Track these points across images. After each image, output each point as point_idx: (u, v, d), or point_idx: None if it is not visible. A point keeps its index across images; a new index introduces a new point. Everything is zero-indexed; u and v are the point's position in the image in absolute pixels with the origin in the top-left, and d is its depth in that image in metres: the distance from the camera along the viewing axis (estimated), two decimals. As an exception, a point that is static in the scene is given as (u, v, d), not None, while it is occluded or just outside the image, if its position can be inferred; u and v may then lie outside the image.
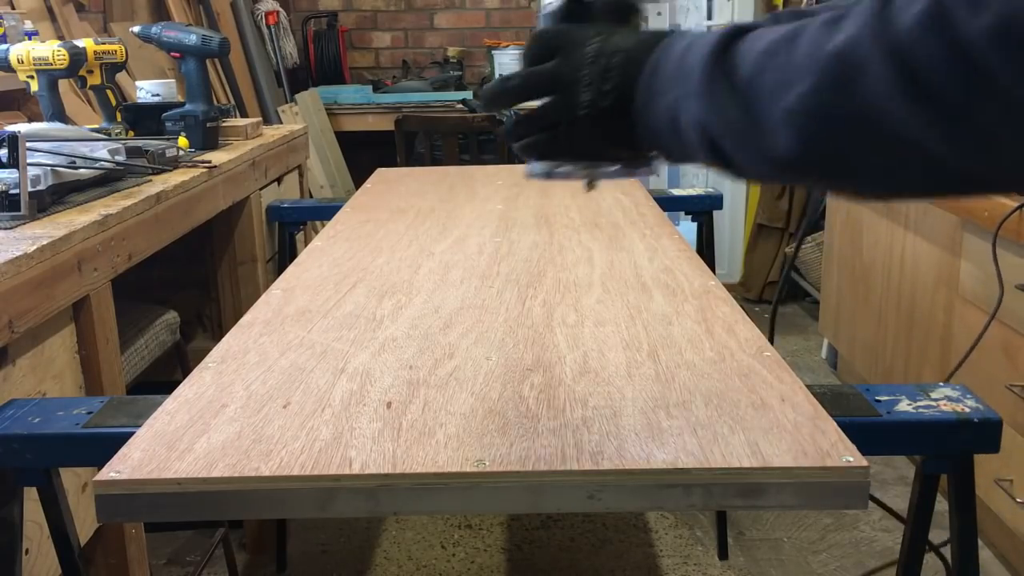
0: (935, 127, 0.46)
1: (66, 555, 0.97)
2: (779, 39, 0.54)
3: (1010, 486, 1.82)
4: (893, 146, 0.49)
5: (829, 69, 0.49)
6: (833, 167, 0.53)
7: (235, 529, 2.12)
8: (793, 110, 0.51)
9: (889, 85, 0.47)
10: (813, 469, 0.73)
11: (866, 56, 0.48)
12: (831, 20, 0.51)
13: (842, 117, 0.50)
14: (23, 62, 1.84)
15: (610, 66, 0.61)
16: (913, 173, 0.50)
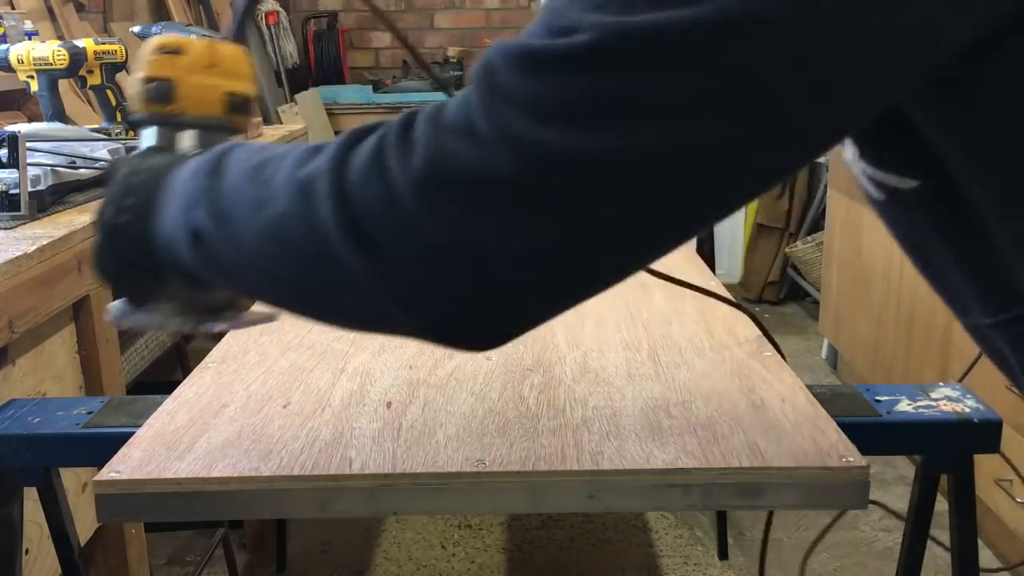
0: (370, 269, 0.48)
1: (66, 555, 0.97)
2: (267, 158, 0.54)
3: (1010, 486, 1.81)
4: (332, 280, 0.50)
5: (292, 196, 0.50)
6: (282, 290, 0.54)
7: (235, 529, 2.12)
8: (263, 229, 0.52)
9: (333, 224, 0.48)
10: (813, 469, 0.73)
11: (320, 192, 0.49)
12: (314, 149, 0.52)
13: (295, 247, 0.50)
14: (23, 62, 1.84)
15: (132, 183, 0.61)
16: (352, 308, 0.52)
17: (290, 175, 0.51)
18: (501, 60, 0.45)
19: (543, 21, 0.45)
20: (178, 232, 0.56)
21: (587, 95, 0.42)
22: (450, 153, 0.45)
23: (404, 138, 0.47)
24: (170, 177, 0.59)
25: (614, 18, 0.42)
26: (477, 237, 0.45)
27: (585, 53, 0.42)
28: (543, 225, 0.45)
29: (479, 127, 0.44)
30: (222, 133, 0.69)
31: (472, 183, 0.45)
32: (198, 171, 0.57)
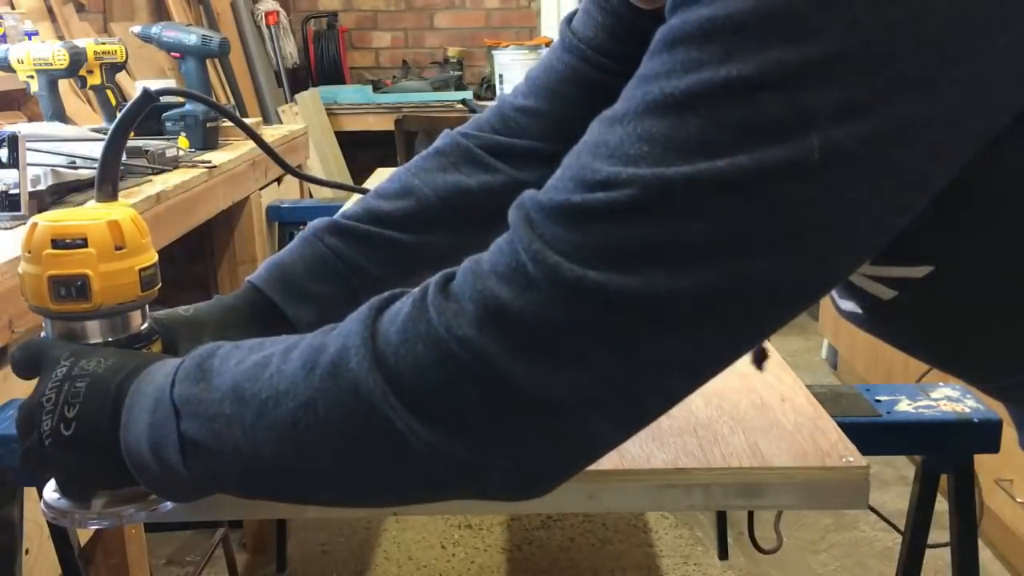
0: (425, 431, 0.47)
1: (66, 555, 0.97)
2: (268, 355, 0.53)
3: (1010, 486, 1.82)
4: (380, 453, 0.49)
5: (318, 380, 0.49)
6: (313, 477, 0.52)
7: (235, 529, 2.12)
8: (282, 422, 0.50)
9: (379, 395, 0.47)
10: (813, 469, 0.73)
11: (355, 367, 0.48)
12: (319, 334, 0.52)
13: (332, 430, 0.49)
14: (23, 62, 1.84)
15: (76, 391, 0.57)
16: (403, 476, 0.50)
17: (305, 362, 0.50)
18: (538, 215, 0.46)
19: (571, 175, 0.47)
20: (162, 443, 0.53)
21: (635, 242, 0.44)
22: (502, 301, 0.45)
23: (445, 294, 0.47)
24: (131, 387, 0.56)
25: (650, 170, 0.44)
26: (540, 385, 0.46)
27: (629, 205, 0.44)
28: (603, 365, 0.46)
29: (529, 273, 0.45)
30: (134, 311, 0.66)
31: (529, 329, 0.45)
32: (182, 379, 0.54)
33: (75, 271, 0.62)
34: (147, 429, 0.54)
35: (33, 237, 0.62)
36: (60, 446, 0.56)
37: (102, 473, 0.58)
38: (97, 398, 0.57)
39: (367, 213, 0.83)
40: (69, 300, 0.62)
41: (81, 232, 0.62)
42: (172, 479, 0.55)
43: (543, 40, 4.03)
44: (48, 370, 0.59)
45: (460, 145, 0.88)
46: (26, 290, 0.63)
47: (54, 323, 0.64)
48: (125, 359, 0.59)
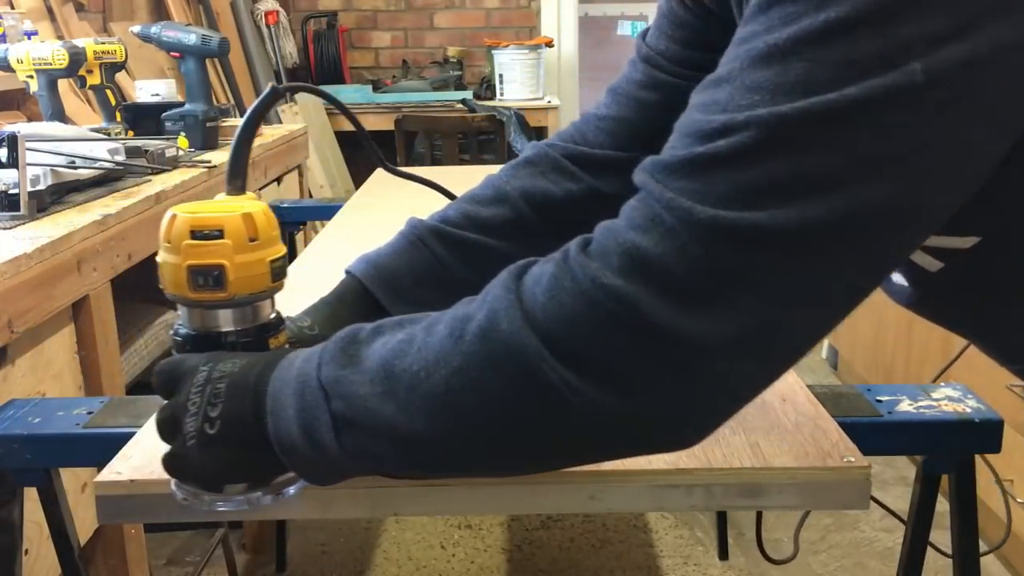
0: (585, 382, 0.49)
1: (66, 555, 0.96)
2: (411, 331, 0.55)
3: (1010, 486, 1.81)
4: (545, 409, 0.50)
5: (469, 346, 0.51)
6: (473, 445, 0.54)
7: (235, 529, 2.12)
8: (437, 391, 0.52)
9: (535, 352, 0.49)
10: (814, 469, 0.73)
11: (507, 328, 0.50)
12: (462, 305, 0.54)
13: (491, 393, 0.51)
14: (23, 62, 1.84)
15: (216, 392, 0.60)
16: (568, 432, 0.52)
17: (452, 331, 0.52)
18: (663, 172, 0.49)
19: (686, 133, 0.50)
20: (313, 425, 0.56)
21: (760, 181, 0.47)
22: (643, 250, 0.48)
23: (586, 253, 0.50)
24: (270, 379, 0.59)
25: (766, 110, 0.47)
26: (686, 327, 0.48)
27: (750, 145, 0.47)
28: (742, 302, 0.48)
29: (666, 221, 0.48)
30: (264, 301, 0.68)
31: (670, 273, 0.48)
32: (327, 362, 0.57)
33: (212, 261, 0.64)
34: (296, 414, 0.56)
35: (173, 228, 0.64)
36: (205, 444, 0.59)
37: (246, 465, 0.61)
38: (238, 394, 0.59)
39: (466, 219, 0.85)
40: (206, 289, 0.64)
41: (218, 224, 0.64)
42: (322, 460, 0.57)
43: (543, 40, 4.03)
44: (188, 378, 0.61)
45: (547, 155, 0.90)
46: (164, 278, 0.65)
47: (190, 311, 0.67)
48: (257, 356, 0.62)
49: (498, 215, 0.85)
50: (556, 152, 0.89)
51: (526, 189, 0.87)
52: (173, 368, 0.63)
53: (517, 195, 0.86)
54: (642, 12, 5.40)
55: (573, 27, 4.33)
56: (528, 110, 3.70)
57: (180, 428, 0.60)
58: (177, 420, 0.60)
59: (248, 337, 0.67)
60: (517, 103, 3.80)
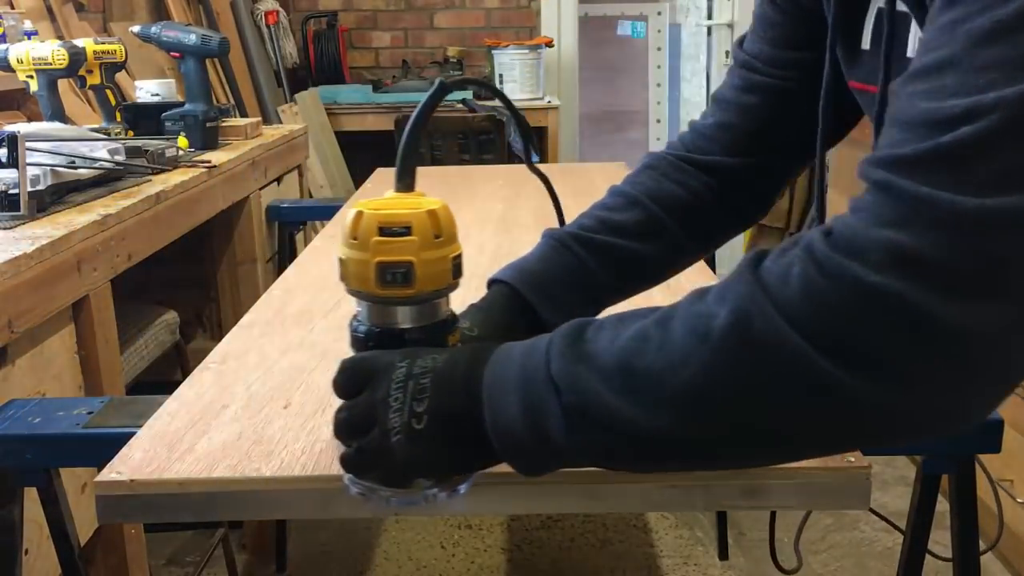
0: (854, 373, 0.49)
1: (66, 555, 0.97)
2: (641, 329, 0.55)
3: (1010, 486, 1.82)
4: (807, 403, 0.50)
5: (719, 340, 0.51)
6: (724, 440, 0.55)
7: (235, 529, 2.12)
8: (690, 387, 0.52)
9: (795, 341, 0.49)
10: (814, 469, 0.73)
11: (762, 320, 0.50)
12: (696, 296, 0.55)
13: (747, 386, 0.51)
14: (23, 62, 1.84)
15: (420, 387, 0.60)
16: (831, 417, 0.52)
17: (693, 329, 0.53)
18: (902, 170, 0.49)
19: (918, 123, 0.49)
20: (541, 418, 0.57)
21: (1019, 162, 0.46)
22: (904, 246, 0.47)
23: (835, 250, 0.50)
24: (483, 375, 0.60)
25: (1011, 89, 0.46)
26: (958, 317, 0.47)
27: (1003, 127, 0.46)
28: (1013, 289, 0.47)
29: (923, 215, 0.47)
30: (443, 298, 0.68)
31: (938, 267, 0.47)
32: (556, 358, 0.57)
33: (401, 258, 0.64)
34: (521, 407, 0.57)
35: (360, 224, 0.65)
36: (412, 439, 0.60)
37: (448, 459, 0.62)
38: (445, 389, 0.60)
39: (602, 224, 0.87)
40: (394, 286, 0.64)
41: (406, 221, 0.65)
42: (544, 451, 0.58)
43: (543, 40, 4.03)
44: (383, 375, 0.62)
45: (665, 159, 0.93)
46: (348, 275, 0.66)
47: (372, 307, 0.67)
48: (456, 354, 0.63)
49: (632, 218, 0.87)
50: (672, 157, 0.93)
51: (653, 192, 0.89)
52: (361, 365, 0.64)
53: (646, 199, 0.89)
54: (642, 12, 5.40)
55: (573, 27, 4.33)
56: (528, 110, 3.69)
57: (376, 424, 0.60)
58: (370, 416, 0.61)
59: (429, 334, 0.67)
60: (517, 103, 3.77)
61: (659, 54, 5.41)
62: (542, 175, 0.84)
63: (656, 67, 5.42)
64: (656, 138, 5.46)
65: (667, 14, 5.39)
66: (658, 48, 5.41)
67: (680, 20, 5.28)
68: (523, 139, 0.77)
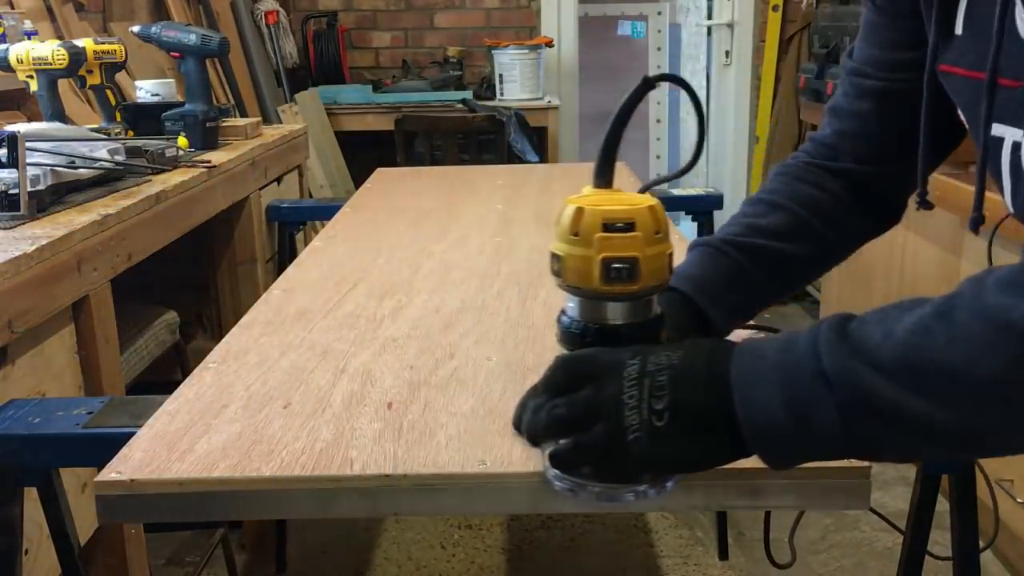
0: None
1: (66, 555, 0.97)
2: (919, 323, 0.56)
3: (1010, 486, 1.82)
4: None
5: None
6: None
7: (235, 529, 2.12)
8: (994, 379, 0.53)
9: None
10: (814, 469, 0.72)
11: None
12: (973, 286, 0.56)
13: None
14: (23, 62, 1.84)
15: (658, 385, 0.61)
16: None
17: (989, 322, 0.53)
18: None
19: None
20: (809, 413, 0.57)
21: None
22: None
23: None
24: (730, 372, 0.60)
25: None
26: None
27: None
28: None
29: None
30: (656, 295, 0.68)
31: None
32: (828, 353, 0.57)
33: (627, 254, 0.64)
34: (784, 402, 0.58)
35: (582, 220, 0.65)
36: (653, 437, 0.60)
37: (694, 454, 0.62)
38: (686, 387, 0.60)
39: (750, 229, 0.89)
40: (618, 282, 0.64)
41: (630, 217, 0.64)
42: (807, 445, 0.58)
43: (543, 40, 4.03)
44: (611, 372, 0.62)
45: (797, 166, 0.95)
46: (567, 271, 0.65)
47: (590, 303, 0.67)
48: (690, 351, 0.63)
49: (777, 221, 0.89)
50: (802, 163, 0.95)
51: (793, 195, 0.91)
52: (583, 362, 0.64)
53: (787, 201, 0.91)
54: (642, 12, 5.40)
55: (573, 27, 4.33)
56: (528, 110, 3.69)
57: (601, 420, 0.61)
58: (593, 412, 0.61)
59: (644, 331, 0.67)
60: (517, 103, 3.80)
61: (659, 54, 5.41)
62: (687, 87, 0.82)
63: (656, 67, 5.41)
64: (656, 138, 5.46)
65: (667, 14, 5.39)
66: (658, 48, 5.41)
67: (680, 20, 5.28)
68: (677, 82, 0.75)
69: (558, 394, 0.64)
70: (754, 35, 4.22)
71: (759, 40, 4.21)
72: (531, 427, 0.66)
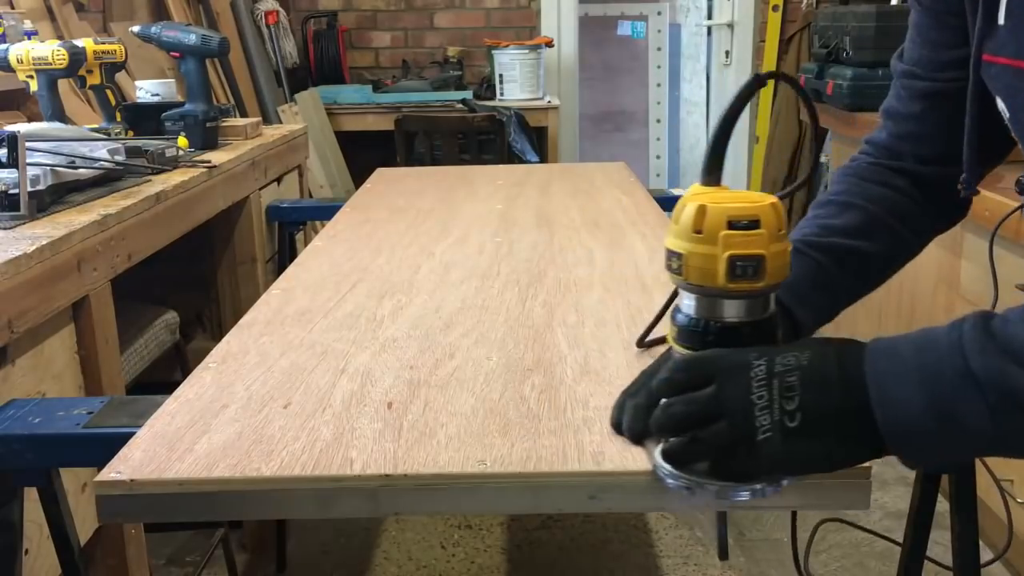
0: None
1: (66, 555, 0.97)
2: None
3: (1010, 486, 1.81)
4: None
5: None
6: None
7: (235, 529, 2.12)
8: None
9: None
10: (814, 469, 0.72)
11: None
12: None
13: None
14: (23, 62, 1.84)
15: (788, 385, 0.61)
16: None
17: None
18: None
19: None
20: (956, 412, 0.58)
21: None
22: None
23: None
24: (865, 372, 0.60)
25: None
26: None
27: None
28: None
29: None
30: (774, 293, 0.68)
31: None
32: (974, 353, 0.58)
33: (754, 251, 0.64)
34: (926, 402, 0.58)
35: (707, 218, 0.64)
36: (786, 437, 0.61)
37: (828, 453, 0.62)
38: (817, 387, 0.61)
39: (825, 229, 0.90)
40: (743, 279, 0.64)
41: (755, 214, 0.64)
42: (953, 443, 0.59)
43: (543, 40, 4.03)
44: (737, 373, 0.63)
45: (862, 166, 0.96)
46: (689, 268, 0.65)
47: (707, 300, 0.67)
48: (818, 351, 0.63)
49: (852, 220, 0.90)
50: (866, 164, 0.96)
51: (863, 194, 0.92)
52: (707, 363, 0.65)
53: (861, 200, 0.91)
54: (642, 12, 5.40)
55: (573, 27, 4.33)
56: (528, 110, 3.69)
57: (724, 418, 0.61)
58: (716, 411, 0.62)
59: (765, 328, 0.67)
60: (517, 103, 3.80)
61: (659, 54, 5.41)
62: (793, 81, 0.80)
63: (656, 67, 5.42)
64: (656, 138, 5.46)
65: (667, 14, 5.39)
66: (658, 48, 5.41)
67: (680, 20, 5.28)
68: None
69: (676, 394, 0.64)
70: (754, 35, 4.23)
71: (759, 40, 4.21)
72: (641, 425, 0.67)
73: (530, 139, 3.56)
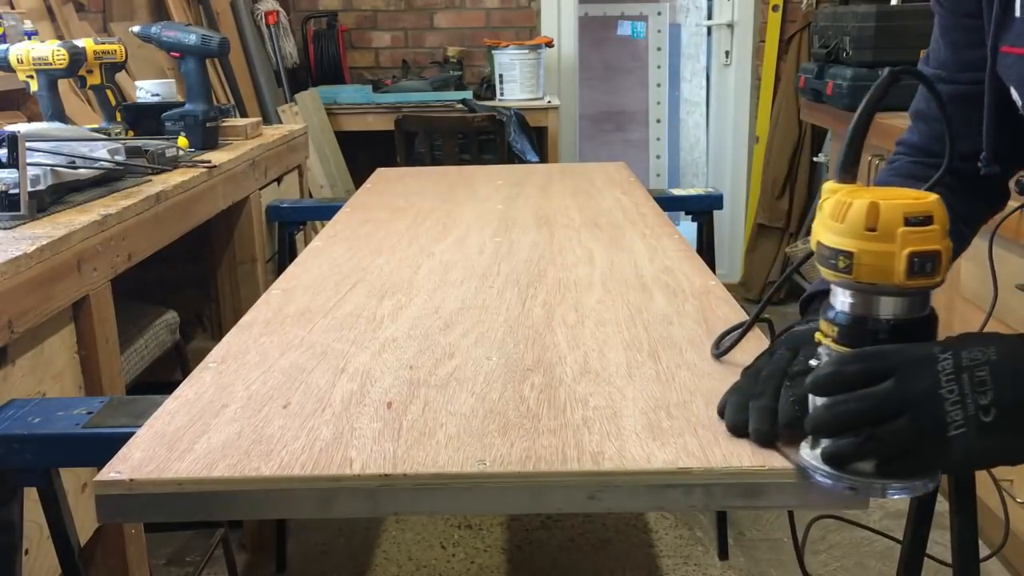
0: None
1: (66, 555, 0.97)
2: None
3: (1010, 486, 1.81)
4: None
5: None
6: None
7: (235, 529, 2.12)
8: None
9: None
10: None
11: None
12: None
13: None
14: (23, 62, 1.84)
15: (979, 380, 0.61)
16: None
17: None
18: None
19: None
20: None
21: None
22: None
23: None
24: None
25: None
26: None
27: None
28: None
29: None
30: None
31: None
32: None
33: (932, 247, 0.64)
34: None
35: (880, 215, 0.64)
36: (982, 432, 0.61)
37: (1009, 450, 0.62)
38: (1009, 381, 0.61)
39: None
40: (922, 275, 0.64)
41: (928, 210, 0.64)
42: None
43: (543, 40, 4.03)
44: (921, 368, 0.62)
45: (902, 163, 0.98)
46: (861, 267, 0.65)
47: (873, 299, 0.66)
48: (1002, 345, 0.63)
49: None
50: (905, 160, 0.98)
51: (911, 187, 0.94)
52: (885, 357, 0.64)
53: None
54: (642, 12, 5.40)
55: (573, 27, 4.33)
56: (528, 110, 3.69)
57: (905, 415, 0.61)
58: (894, 407, 0.61)
59: (928, 324, 0.67)
60: (517, 103, 3.80)
61: (659, 54, 5.41)
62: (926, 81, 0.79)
63: (656, 67, 5.41)
64: (656, 138, 5.45)
65: (667, 14, 5.39)
66: (658, 48, 5.41)
67: (680, 20, 5.28)
68: None
69: (845, 390, 0.64)
70: (754, 35, 4.22)
71: (759, 40, 4.21)
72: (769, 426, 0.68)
73: (530, 139, 3.56)
